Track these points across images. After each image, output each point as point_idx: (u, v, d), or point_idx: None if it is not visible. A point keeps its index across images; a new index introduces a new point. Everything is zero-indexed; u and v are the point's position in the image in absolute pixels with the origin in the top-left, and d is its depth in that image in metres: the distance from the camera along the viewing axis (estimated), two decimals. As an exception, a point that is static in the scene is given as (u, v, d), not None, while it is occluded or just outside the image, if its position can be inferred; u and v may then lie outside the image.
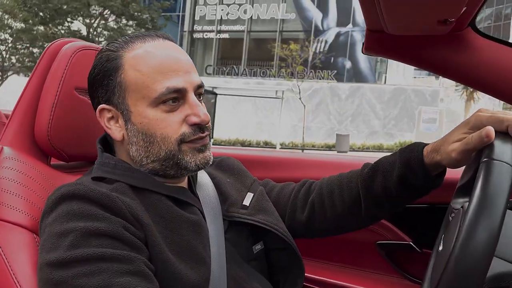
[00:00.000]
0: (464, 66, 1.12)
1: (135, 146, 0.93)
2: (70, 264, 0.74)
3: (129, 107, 0.92)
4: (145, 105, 0.90)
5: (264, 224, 1.03)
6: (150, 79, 0.89)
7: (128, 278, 0.75)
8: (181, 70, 0.91)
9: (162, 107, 0.90)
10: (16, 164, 1.01)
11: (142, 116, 0.91)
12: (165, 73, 0.89)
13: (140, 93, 0.90)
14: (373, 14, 1.02)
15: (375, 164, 1.03)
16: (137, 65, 0.91)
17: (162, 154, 0.92)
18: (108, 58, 0.94)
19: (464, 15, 0.98)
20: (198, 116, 0.90)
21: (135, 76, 0.90)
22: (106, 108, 0.94)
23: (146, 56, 0.91)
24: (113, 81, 0.93)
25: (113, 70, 0.92)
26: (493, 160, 0.71)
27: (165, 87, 0.88)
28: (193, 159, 0.93)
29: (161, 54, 0.92)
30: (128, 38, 0.95)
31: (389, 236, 1.45)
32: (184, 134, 0.91)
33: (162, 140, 0.91)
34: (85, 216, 0.79)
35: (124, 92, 0.92)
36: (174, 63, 0.91)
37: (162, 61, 0.91)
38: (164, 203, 0.91)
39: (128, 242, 0.80)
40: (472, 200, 0.67)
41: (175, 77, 0.90)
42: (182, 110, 0.91)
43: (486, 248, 0.63)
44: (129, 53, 0.92)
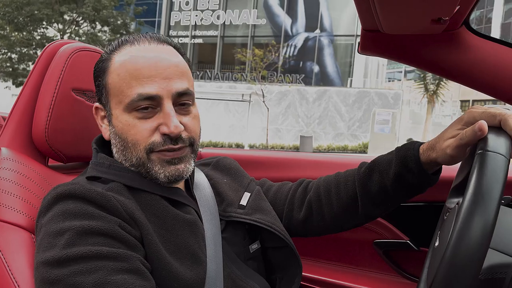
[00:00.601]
0: (458, 65, 1.12)
1: (115, 148, 0.94)
2: (66, 262, 0.74)
3: (111, 109, 0.93)
4: (121, 109, 0.90)
5: (262, 223, 1.03)
6: (125, 84, 0.89)
7: (124, 275, 0.75)
8: (158, 77, 0.89)
9: (135, 114, 0.89)
10: (14, 165, 1.00)
11: (118, 120, 0.91)
12: (139, 79, 0.88)
13: (117, 97, 0.90)
14: (368, 14, 1.02)
15: (371, 163, 1.03)
16: (119, 69, 0.90)
17: (134, 160, 0.91)
18: (101, 59, 0.95)
19: (458, 14, 0.98)
20: (168, 127, 0.88)
21: (115, 80, 0.91)
22: (99, 107, 0.97)
23: (128, 61, 0.90)
24: (101, 82, 0.94)
25: (102, 71, 0.94)
26: (487, 151, 0.71)
27: (136, 93, 0.87)
28: (162, 170, 0.91)
29: (142, 59, 0.90)
30: (120, 41, 0.95)
31: (386, 234, 1.45)
32: (154, 143, 0.89)
33: (133, 146, 0.90)
34: (80, 215, 0.79)
35: (108, 94, 0.93)
36: (152, 69, 0.89)
37: (141, 67, 0.89)
38: (159, 203, 0.91)
39: (124, 240, 0.79)
40: (468, 191, 0.67)
41: (149, 84, 0.88)
42: (156, 119, 0.90)
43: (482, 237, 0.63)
44: (117, 56, 0.92)
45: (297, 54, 26.80)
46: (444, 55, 1.13)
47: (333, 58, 26.36)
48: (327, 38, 26.25)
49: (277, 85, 20.47)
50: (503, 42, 1.08)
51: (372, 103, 19.31)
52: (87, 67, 1.11)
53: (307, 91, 20.45)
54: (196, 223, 0.94)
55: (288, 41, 27.02)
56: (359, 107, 19.24)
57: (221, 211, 1.04)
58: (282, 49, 26.11)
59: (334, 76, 26.43)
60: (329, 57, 26.34)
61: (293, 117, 20.16)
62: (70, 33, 20.74)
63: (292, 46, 26.89)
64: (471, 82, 1.15)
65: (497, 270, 0.74)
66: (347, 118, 19.65)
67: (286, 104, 20.12)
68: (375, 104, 19.11)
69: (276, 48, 20.16)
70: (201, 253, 0.91)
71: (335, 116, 19.83)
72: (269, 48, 19.85)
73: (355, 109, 19.56)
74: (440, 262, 0.66)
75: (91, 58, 1.13)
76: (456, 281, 0.63)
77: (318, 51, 26.34)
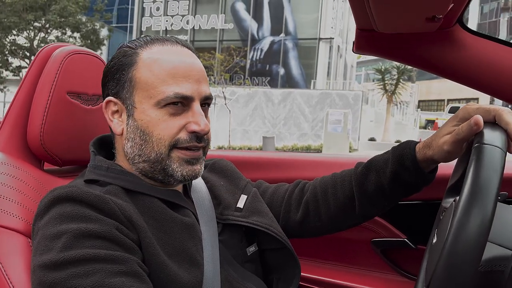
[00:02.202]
0: (453, 63, 1.12)
1: (131, 142, 0.93)
2: (63, 265, 0.74)
3: (135, 103, 0.91)
4: (151, 104, 0.90)
5: (259, 225, 1.02)
6: (160, 80, 0.89)
7: (121, 278, 0.74)
8: (192, 78, 0.91)
9: (167, 109, 0.90)
10: (9, 169, 0.99)
11: (145, 114, 0.90)
12: (176, 78, 0.90)
13: (148, 92, 0.90)
14: (363, 13, 1.02)
15: (368, 163, 1.03)
16: (151, 65, 0.91)
17: (152, 155, 0.91)
18: (125, 54, 0.94)
19: (452, 11, 0.98)
20: (198, 125, 0.90)
21: (147, 75, 0.90)
22: (113, 101, 0.95)
23: (161, 58, 0.91)
24: (125, 76, 0.93)
25: (127, 65, 0.93)
26: (484, 144, 0.72)
27: (173, 91, 0.88)
28: (180, 168, 0.92)
29: (176, 59, 0.92)
30: (149, 39, 0.96)
31: (384, 233, 1.45)
32: (179, 139, 0.90)
33: (157, 141, 0.90)
34: (78, 218, 0.78)
35: (133, 88, 0.92)
36: (187, 70, 0.91)
37: (176, 66, 0.90)
38: (157, 206, 0.91)
39: (121, 243, 0.79)
40: (466, 183, 0.67)
41: (185, 84, 0.90)
42: (184, 117, 0.91)
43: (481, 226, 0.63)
44: (146, 52, 0.93)
45: (263, 57, 27.30)
46: (438, 53, 1.13)
47: (298, 61, 26.83)
48: (292, 41, 26.79)
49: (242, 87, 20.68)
50: (497, 39, 1.09)
51: (334, 104, 19.46)
52: (81, 70, 1.11)
53: (273, 93, 20.53)
54: (194, 226, 0.94)
55: (255, 44, 27.49)
56: (322, 108, 19.41)
57: (218, 214, 1.03)
58: (249, 53, 26.61)
59: (299, 79, 26.91)
60: (294, 60, 26.85)
61: (260, 119, 20.13)
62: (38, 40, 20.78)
63: (259, 50, 27.41)
64: (465, 80, 1.15)
65: (496, 262, 0.73)
66: (310, 118, 19.80)
67: (253, 106, 20.15)
68: (336, 105, 19.20)
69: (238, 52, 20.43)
70: (199, 256, 0.91)
71: (299, 117, 20.02)
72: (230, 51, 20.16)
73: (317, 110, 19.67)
74: (439, 255, 0.66)
75: (85, 61, 1.12)
76: (456, 273, 0.63)
77: (284, 54, 26.86)
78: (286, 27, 26.80)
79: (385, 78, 21.91)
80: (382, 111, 23.99)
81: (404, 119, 25.25)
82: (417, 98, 30.73)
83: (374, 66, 24.35)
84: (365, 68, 40.46)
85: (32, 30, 20.60)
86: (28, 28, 20.31)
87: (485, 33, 1.15)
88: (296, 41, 26.91)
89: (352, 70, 34.81)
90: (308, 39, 26.61)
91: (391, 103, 21.69)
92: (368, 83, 32.13)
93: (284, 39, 26.80)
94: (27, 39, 20.60)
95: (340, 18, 28.13)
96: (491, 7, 36.21)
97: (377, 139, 20.43)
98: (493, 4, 35.88)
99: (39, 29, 20.74)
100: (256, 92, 20.86)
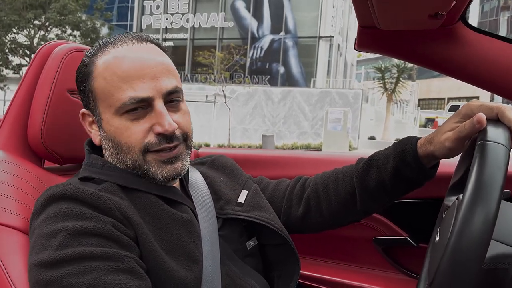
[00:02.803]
0: (455, 60, 1.12)
1: (108, 152, 0.93)
2: (60, 263, 0.73)
3: (100, 114, 0.91)
4: (111, 113, 0.88)
5: (260, 220, 1.02)
6: (114, 87, 0.87)
7: (118, 275, 0.74)
8: (147, 77, 0.87)
9: (127, 116, 0.87)
10: (10, 167, 0.99)
11: (109, 124, 0.89)
12: (129, 82, 0.86)
13: (106, 102, 0.88)
14: (365, 10, 1.01)
15: (369, 158, 1.03)
16: (104, 72, 0.88)
17: (129, 162, 0.90)
18: (83, 64, 0.93)
19: (455, 8, 0.98)
20: (162, 126, 0.87)
21: (102, 84, 0.88)
22: (86, 113, 0.95)
23: (113, 63, 0.88)
24: (86, 88, 0.91)
25: (86, 76, 0.91)
26: (487, 141, 0.72)
27: (128, 97, 0.85)
28: (159, 170, 0.90)
29: (128, 60, 0.87)
30: (101, 44, 0.93)
31: (385, 231, 1.44)
32: (148, 143, 0.88)
33: (127, 149, 0.89)
34: (74, 216, 0.78)
35: (95, 99, 0.90)
36: (140, 69, 0.87)
37: (128, 68, 0.87)
38: (154, 202, 0.90)
39: (118, 240, 0.78)
40: (470, 180, 0.67)
41: (139, 85, 0.86)
42: (148, 119, 0.88)
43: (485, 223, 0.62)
44: (99, 59, 0.90)
45: (263, 56, 27.33)
46: (440, 50, 1.12)
47: (298, 59, 26.83)
48: (292, 40, 26.78)
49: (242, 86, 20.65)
50: (500, 37, 1.08)
51: (334, 102, 19.47)
52: None
53: (273, 92, 20.54)
54: (192, 222, 0.93)
55: (254, 43, 27.50)
56: (322, 107, 19.40)
57: (218, 209, 1.03)
58: (249, 51, 26.64)
59: (299, 77, 26.92)
60: (294, 58, 26.84)
61: (260, 117, 20.17)
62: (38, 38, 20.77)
63: (259, 48, 27.42)
64: (467, 77, 1.14)
65: (500, 260, 0.73)
66: (310, 117, 20.00)
67: (253, 104, 20.16)
68: (336, 104, 19.21)
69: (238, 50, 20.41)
70: (197, 252, 0.90)
71: (299, 115, 20.18)
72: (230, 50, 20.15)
73: (317, 108, 19.70)
74: (443, 252, 0.65)
75: None
76: (460, 270, 0.63)
77: (283, 52, 26.87)
78: (286, 25, 26.82)
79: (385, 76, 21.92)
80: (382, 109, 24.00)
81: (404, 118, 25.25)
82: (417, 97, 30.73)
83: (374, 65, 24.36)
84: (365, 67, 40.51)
85: (32, 28, 20.59)
86: (28, 26, 20.30)
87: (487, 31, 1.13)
88: (296, 40, 26.89)
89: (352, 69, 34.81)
90: (308, 37, 26.59)
91: (391, 102, 21.71)
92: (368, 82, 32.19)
93: (284, 37, 26.82)
94: (27, 37, 20.58)
95: (340, 16, 28.12)
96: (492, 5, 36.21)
97: (377, 137, 20.46)
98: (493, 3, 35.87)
99: (39, 27, 20.73)
100: (256, 91, 20.88)
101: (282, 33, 26.78)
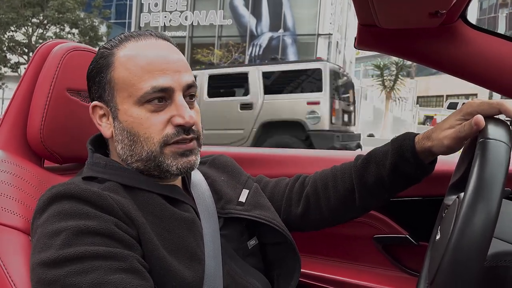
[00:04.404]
0: (455, 58, 1.12)
1: (120, 144, 0.92)
2: (62, 263, 0.73)
3: (117, 104, 0.91)
4: (131, 103, 0.89)
5: (262, 219, 1.02)
6: (137, 77, 0.88)
7: (121, 275, 0.74)
8: (170, 70, 0.89)
9: (147, 106, 0.88)
10: (10, 167, 0.99)
11: (127, 114, 0.89)
12: (152, 72, 0.88)
13: (127, 91, 0.89)
14: (365, 9, 1.01)
15: (368, 155, 1.04)
16: (127, 63, 0.89)
17: (144, 154, 0.90)
18: (102, 55, 0.93)
19: (455, 7, 0.98)
20: (182, 118, 0.88)
21: (124, 74, 0.89)
22: (98, 105, 0.94)
23: (136, 55, 0.90)
24: (104, 78, 0.92)
25: (105, 67, 0.92)
26: (489, 139, 0.72)
27: (150, 86, 0.87)
28: (175, 162, 0.91)
29: (151, 53, 0.90)
30: (123, 37, 0.94)
31: (385, 229, 1.44)
32: (167, 135, 0.89)
33: (145, 140, 0.89)
34: (76, 215, 0.78)
35: (113, 89, 0.91)
36: (163, 62, 0.89)
37: (151, 60, 0.89)
38: (156, 201, 0.90)
39: (120, 239, 0.78)
40: (471, 178, 0.67)
41: (162, 77, 0.88)
42: (168, 111, 0.89)
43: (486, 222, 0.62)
44: (121, 51, 0.91)
45: (262, 53, 27.11)
46: (441, 48, 1.12)
47: (297, 57, 26.52)
48: (291, 37, 26.69)
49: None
50: (500, 35, 1.08)
51: (332, 99, 19.70)
52: (81, 67, 1.08)
53: (271, 89, 20.76)
54: (194, 221, 0.93)
55: (253, 40, 27.38)
56: (321, 104, 19.50)
57: (219, 209, 1.03)
58: (248, 49, 26.49)
59: (298, 75, 26.91)
60: (293, 55, 26.66)
61: None
62: (36, 36, 20.76)
63: (258, 46, 27.28)
64: (467, 75, 1.14)
65: (501, 258, 0.73)
66: None
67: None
68: None
69: (237, 48, 20.38)
70: (199, 251, 0.90)
71: None
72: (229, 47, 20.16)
73: (316, 106, 19.83)
74: (444, 251, 0.65)
75: (85, 58, 1.11)
76: (461, 269, 0.62)
77: (282, 50, 26.71)
78: (285, 23, 26.74)
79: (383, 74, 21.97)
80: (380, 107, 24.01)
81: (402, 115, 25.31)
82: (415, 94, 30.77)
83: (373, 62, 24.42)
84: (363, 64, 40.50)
85: (30, 26, 20.55)
86: (26, 24, 20.26)
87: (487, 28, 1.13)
88: (295, 37, 26.82)
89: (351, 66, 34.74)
90: (306, 35, 26.52)
91: (390, 99, 21.76)
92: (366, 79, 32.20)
93: (283, 35, 26.74)
94: (25, 35, 20.55)
95: (338, 14, 28.08)
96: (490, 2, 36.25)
97: (375, 135, 20.48)
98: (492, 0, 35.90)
99: (37, 25, 20.69)
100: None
101: (281, 30, 26.73)
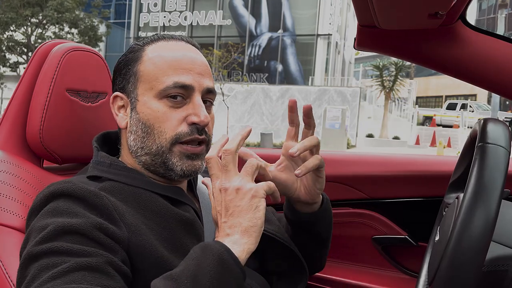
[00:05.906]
0: (454, 59, 1.12)
1: (133, 135, 0.94)
2: (38, 256, 0.73)
3: (138, 96, 0.93)
4: (151, 96, 0.92)
5: (266, 231, 1.01)
6: (161, 71, 0.91)
7: (85, 272, 0.72)
8: (194, 71, 0.93)
9: (166, 101, 0.91)
10: (9, 167, 0.99)
11: (146, 106, 0.92)
12: (177, 69, 0.91)
13: (149, 84, 0.92)
14: (365, 9, 1.01)
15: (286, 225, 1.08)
16: (154, 58, 0.93)
17: (154, 148, 0.92)
18: (132, 50, 0.98)
19: (454, 8, 0.99)
20: (198, 116, 0.90)
21: (150, 68, 0.93)
22: (119, 95, 0.97)
23: (165, 52, 0.94)
24: (130, 70, 0.95)
25: (133, 60, 0.96)
26: (488, 144, 0.71)
27: (172, 81, 0.90)
28: (180, 163, 0.92)
29: (179, 53, 0.94)
30: (156, 37, 0.99)
31: (384, 230, 1.45)
32: (181, 133, 0.91)
33: (158, 134, 0.91)
34: (66, 213, 0.78)
35: (137, 81, 0.94)
36: (189, 62, 0.93)
37: (178, 59, 0.93)
38: (157, 201, 0.90)
39: (100, 241, 0.77)
40: (469, 183, 0.67)
41: (185, 75, 0.91)
42: (185, 109, 0.92)
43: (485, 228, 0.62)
44: (151, 47, 0.96)
45: (261, 54, 27.30)
46: (440, 50, 1.12)
47: (296, 57, 26.79)
48: (290, 37, 26.74)
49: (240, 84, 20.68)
50: (499, 36, 1.09)
51: (332, 100, 19.52)
52: (81, 67, 1.10)
53: (271, 90, 20.57)
54: (193, 222, 0.93)
55: (252, 41, 27.47)
56: (320, 104, 19.44)
57: None
58: (247, 49, 26.58)
59: (297, 75, 26.91)
60: (292, 56, 26.78)
61: (258, 115, 20.18)
62: (36, 36, 20.75)
63: (257, 46, 27.39)
64: (467, 77, 1.15)
65: (500, 262, 0.73)
66: None
67: (251, 102, 20.19)
68: (334, 102, 19.27)
69: (236, 48, 20.40)
70: None
71: None
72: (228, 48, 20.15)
73: (315, 106, 19.73)
74: (442, 255, 0.65)
75: (84, 58, 1.12)
76: (460, 273, 0.63)
77: (282, 50, 26.84)
78: (284, 23, 26.76)
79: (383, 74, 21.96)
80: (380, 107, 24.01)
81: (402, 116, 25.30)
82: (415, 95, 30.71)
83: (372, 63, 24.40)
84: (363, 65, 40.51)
85: (29, 26, 20.56)
86: (25, 24, 20.28)
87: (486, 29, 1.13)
88: (294, 38, 26.84)
89: (350, 67, 34.81)
90: (306, 35, 26.58)
91: (389, 100, 21.75)
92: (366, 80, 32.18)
93: (282, 35, 26.76)
94: (25, 35, 20.55)
95: (338, 14, 28.08)
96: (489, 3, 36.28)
97: (375, 135, 20.48)
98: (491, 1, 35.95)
99: (37, 25, 20.70)
100: (254, 89, 20.91)
101: (280, 31, 26.75)
